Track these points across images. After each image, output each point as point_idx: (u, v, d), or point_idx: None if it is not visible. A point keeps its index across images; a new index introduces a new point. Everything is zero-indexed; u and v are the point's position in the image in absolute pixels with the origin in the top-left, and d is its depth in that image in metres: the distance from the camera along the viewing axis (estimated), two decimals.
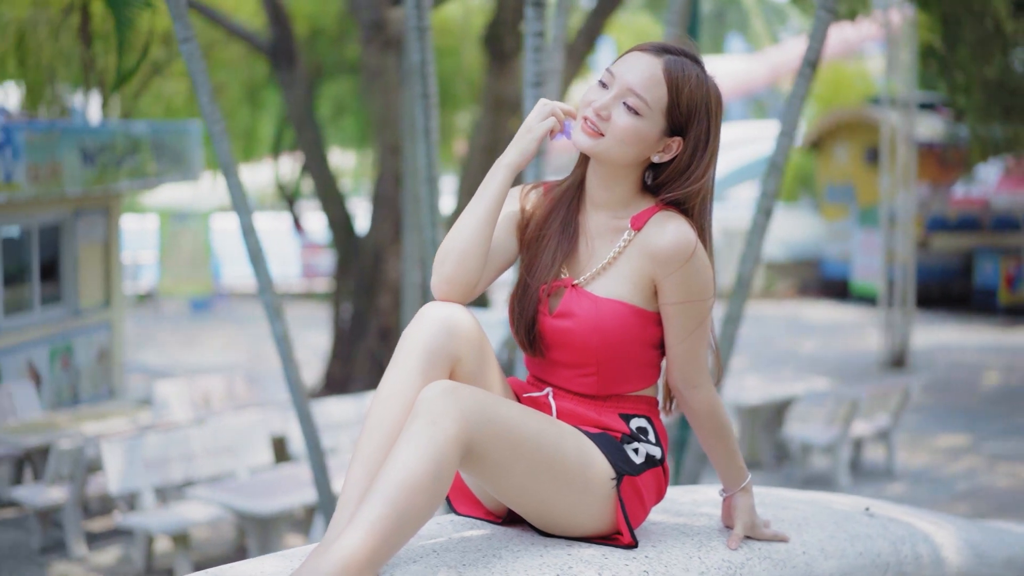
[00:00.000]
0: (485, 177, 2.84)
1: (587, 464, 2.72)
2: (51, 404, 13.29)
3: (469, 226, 2.80)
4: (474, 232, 2.80)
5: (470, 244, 2.79)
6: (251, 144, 24.15)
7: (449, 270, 2.79)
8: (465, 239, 2.80)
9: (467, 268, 2.78)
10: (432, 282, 2.81)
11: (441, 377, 2.67)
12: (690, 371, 2.85)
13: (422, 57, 5.95)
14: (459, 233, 2.81)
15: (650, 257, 2.79)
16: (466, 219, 2.82)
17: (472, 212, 2.82)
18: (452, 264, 2.79)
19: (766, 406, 12.05)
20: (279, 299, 6.25)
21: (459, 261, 2.79)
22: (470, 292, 2.80)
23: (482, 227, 2.80)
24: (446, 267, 2.79)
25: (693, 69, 2.82)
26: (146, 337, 20.77)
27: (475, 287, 2.81)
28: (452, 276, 2.79)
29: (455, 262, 2.79)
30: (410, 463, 2.46)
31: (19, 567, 9.30)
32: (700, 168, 2.84)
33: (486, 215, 2.81)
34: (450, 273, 2.79)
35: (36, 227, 13.60)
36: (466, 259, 2.79)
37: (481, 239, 2.80)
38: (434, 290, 2.80)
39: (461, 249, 2.79)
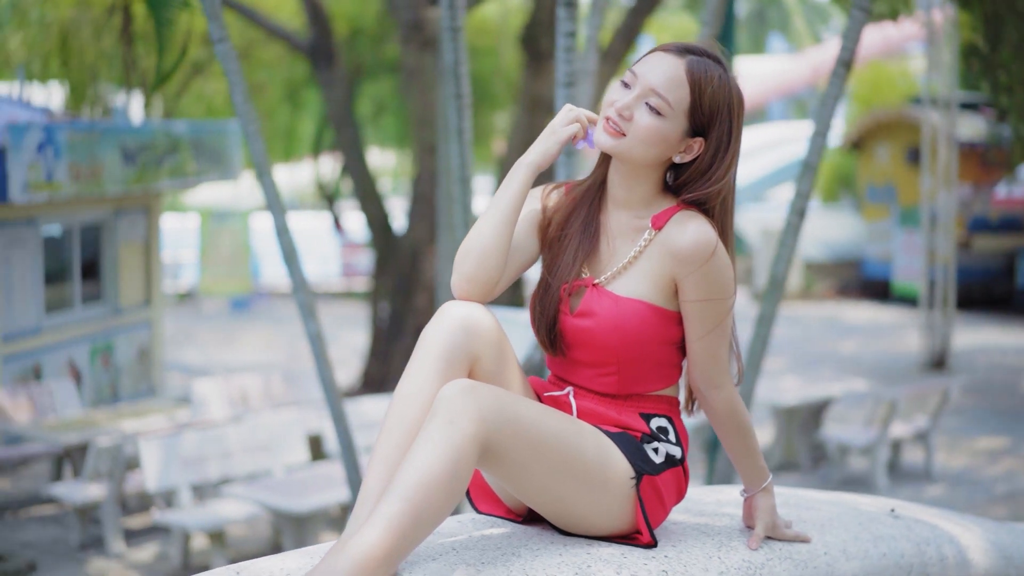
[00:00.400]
0: (506, 176, 2.86)
1: (606, 463, 2.73)
2: (91, 402, 13.40)
3: (489, 225, 2.82)
4: (494, 231, 2.81)
5: (490, 243, 2.80)
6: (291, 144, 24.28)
7: (469, 269, 2.80)
8: (485, 238, 2.81)
9: (487, 267, 2.80)
10: (452, 281, 2.82)
11: (460, 376, 2.68)
12: (710, 371, 2.86)
13: (455, 57, 5.96)
14: (479, 232, 2.82)
15: (671, 256, 2.79)
16: (486, 218, 2.83)
17: (492, 211, 2.83)
18: (472, 263, 2.80)
19: (803, 407, 12.00)
20: (313, 298, 6.28)
21: (479, 260, 2.80)
22: (490, 291, 2.81)
23: (502, 226, 2.82)
24: (466, 266, 2.81)
25: (716, 70, 2.82)
26: (186, 336, 20.89)
27: (495, 286, 2.82)
28: (472, 275, 2.80)
29: (475, 261, 2.80)
30: (428, 462, 2.47)
31: (58, 563, 9.38)
32: (721, 169, 2.84)
33: (506, 214, 2.83)
34: (470, 272, 2.80)
35: (77, 226, 13.71)
36: (486, 258, 2.80)
37: (501, 238, 2.81)
38: (454, 289, 2.82)
39: (481, 248, 2.80)
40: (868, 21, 7.87)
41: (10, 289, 12.40)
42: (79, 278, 13.76)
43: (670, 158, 2.86)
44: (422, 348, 2.70)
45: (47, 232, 13.26)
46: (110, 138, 12.84)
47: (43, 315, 12.97)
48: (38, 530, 10.21)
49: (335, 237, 25.72)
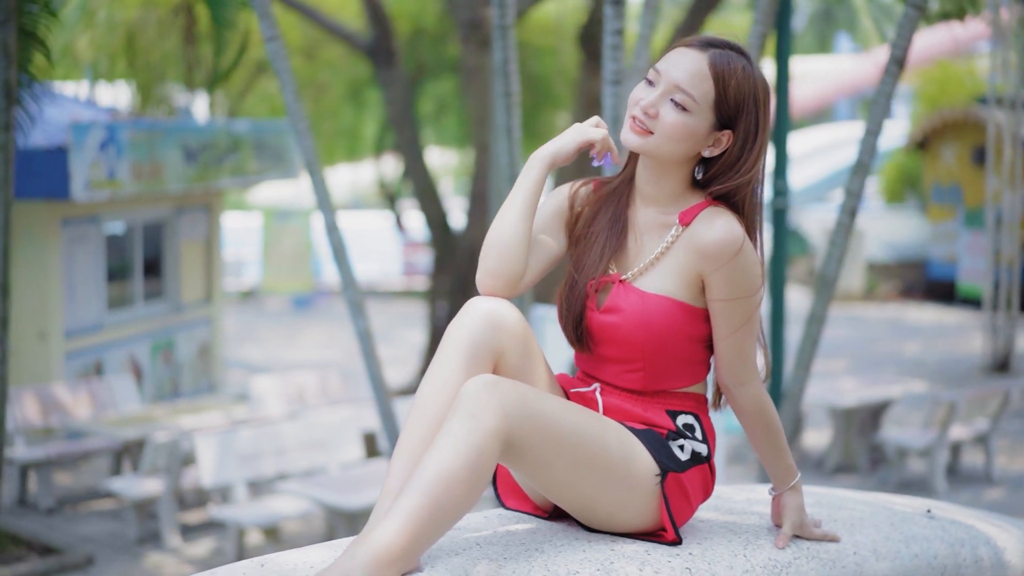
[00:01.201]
0: (522, 171, 2.87)
1: (630, 460, 2.72)
2: (152, 398, 13.54)
3: (507, 220, 2.83)
4: (513, 225, 2.82)
5: (510, 237, 2.81)
6: (355, 143, 24.41)
7: (491, 264, 2.81)
8: (504, 233, 2.82)
9: (509, 261, 2.80)
10: (477, 277, 2.84)
11: (484, 371, 2.69)
12: (738, 368, 2.84)
13: (504, 55, 5.97)
14: (498, 227, 2.83)
15: (697, 252, 2.79)
16: (504, 214, 2.84)
17: (509, 206, 2.85)
18: (494, 258, 2.81)
19: (862, 408, 11.90)
20: (362, 296, 6.32)
21: (500, 254, 2.81)
22: (515, 286, 2.82)
23: (520, 220, 2.83)
24: (488, 261, 2.82)
25: (739, 61, 2.81)
26: (248, 333, 21.05)
27: (519, 281, 2.82)
28: (495, 270, 2.81)
29: (496, 256, 2.81)
30: (448, 456, 2.48)
31: (115, 557, 9.49)
32: (750, 160, 2.83)
33: (523, 208, 2.83)
34: (492, 267, 2.81)
35: (140, 224, 13.86)
36: (507, 252, 2.81)
37: (520, 232, 2.82)
38: (479, 285, 2.83)
39: (501, 242, 2.81)
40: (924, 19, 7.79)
41: (73, 286, 12.56)
42: (141, 276, 13.92)
43: (699, 153, 2.85)
44: (447, 343, 2.71)
45: (110, 230, 13.41)
46: (172, 137, 12.98)
47: (105, 312, 13.12)
48: (97, 524, 10.34)
49: (397, 236, 25.83)
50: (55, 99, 13.56)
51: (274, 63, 6.00)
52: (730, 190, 2.85)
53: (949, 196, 23.04)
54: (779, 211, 8.13)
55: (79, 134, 11.58)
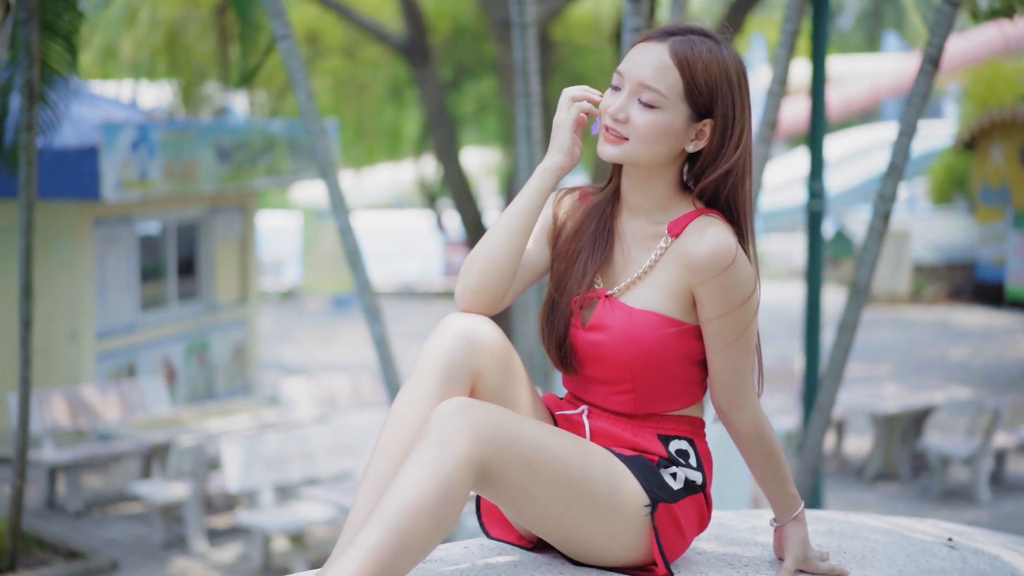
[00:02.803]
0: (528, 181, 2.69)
1: (617, 489, 2.53)
2: (186, 399, 13.46)
3: (498, 233, 2.64)
4: (503, 240, 2.63)
5: (497, 252, 2.63)
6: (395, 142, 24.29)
7: (474, 279, 2.63)
8: (493, 247, 2.63)
9: (493, 278, 2.62)
10: (456, 291, 2.65)
11: (460, 393, 2.51)
12: (732, 389, 2.64)
13: (524, 55, 5.80)
14: (488, 240, 2.64)
15: (687, 265, 2.59)
16: (497, 226, 2.66)
17: (503, 219, 2.66)
18: (477, 273, 2.63)
19: (904, 415, 11.64)
20: (377, 300, 6.16)
21: (484, 270, 2.62)
22: (496, 303, 2.64)
23: (512, 235, 2.64)
24: (470, 276, 2.63)
25: (703, 44, 2.60)
26: (285, 334, 20.97)
27: (502, 298, 2.64)
28: (476, 286, 2.62)
29: (480, 271, 2.63)
30: (414, 487, 2.30)
31: (141, 562, 9.39)
32: (731, 145, 2.62)
33: (518, 222, 2.64)
34: (474, 282, 2.62)
35: (174, 224, 13.78)
36: (492, 268, 2.62)
37: (510, 248, 2.63)
38: (457, 300, 2.64)
39: (488, 257, 2.63)
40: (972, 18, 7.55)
41: (105, 286, 12.49)
42: (175, 276, 13.84)
43: (682, 151, 2.65)
44: (420, 363, 2.53)
45: (145, 230, 13.34)
46: (204, 137, 12.88)
47: (138, 312, 13.05)
48: (124, 528, 10.25)
49: (437, 236, 25.70)
50: (90, 99, 13.52)
51: (286, 62, 5.85)
52: (718, 187, 2.64)
53: (998, 197, 22.67)
54: (815, 213, 7.91)
55: (110, 134, 11.49)
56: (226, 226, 14.61)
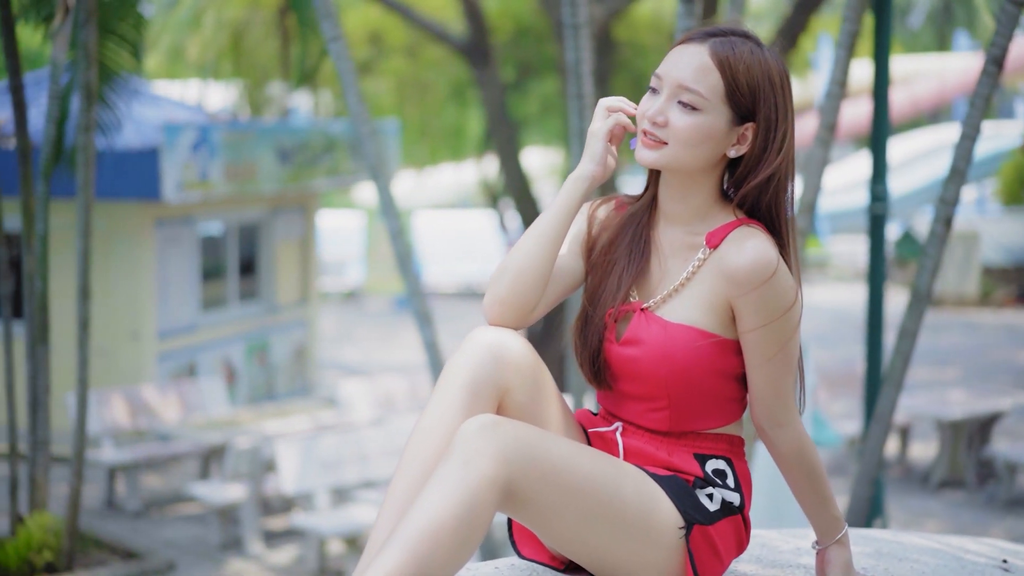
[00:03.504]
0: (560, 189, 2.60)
1: (650, 511, 2.44)
2: (247, 400, 13.48)
3: (527, 244, 2.55)
4: (534, 250, 2.54)
5: (528, 263, 2.53)
6: (458, 142, 24.25)
7: (503, 291, 2.53)
8: (523, 258, 2.54)
9: (522, 290, 2.53)
10: (484, 302, 2.56)
11: (487, 409, 2.43)
12: (773, 406, 2.53)
13: (577, 56, 5.71)
14: (518, 251, 2.55)
15: (726, 278, 2.48)
16: (528, 235, 2.56)
17: (534, 228, 2.56)
18: (506, 284, 2.53)
19: (970, 421, 11.44)
20: (428, 305, 6.10)
21: (513, 281, 2.53)
22: (525, 316, 2.54)
23: (543, 245, 2.54)
24: (500, 287, 2.54)
25: (744, 45, 2.50)
26: (347, 334, 20.99)
27: (531, 311, 2.54)
28: (505, 297, 2.53)
29: (509, 282, 2.53)
30: (436, 508, 2.23)
31: (197, 563, 9.40)
32: (773, 149, 2.51)
33: (549, 232, 2.55)
34: (503, 294, 2.53)
35: (235, 225, 13.81)
36: (522, 279, 2.53)
37: (540, 259, 2.53)
38: (485, 312, 2.55)
39: (517, 268, 2.53)
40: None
41: (166, 287, 12.54)
42: (236, 276, 13.88)
43: (723, 155, 2.54)
44: (446, 378, 2.45)
45: (206, 231, 13.38)
46: (265, 138, 12.90)
47: (199, 313, 13.09)
48: (182, 528, 10.27)
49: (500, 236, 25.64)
50: (153, 100, 13.58)
51: (336, 64, 5.80)
52: (760, 194, 2.53)
53: None
54: (878, 216, 7.74)
55: (171, 135, 11.54)
56: (287, 227, 14.63)
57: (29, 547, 8.21)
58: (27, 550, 8.19)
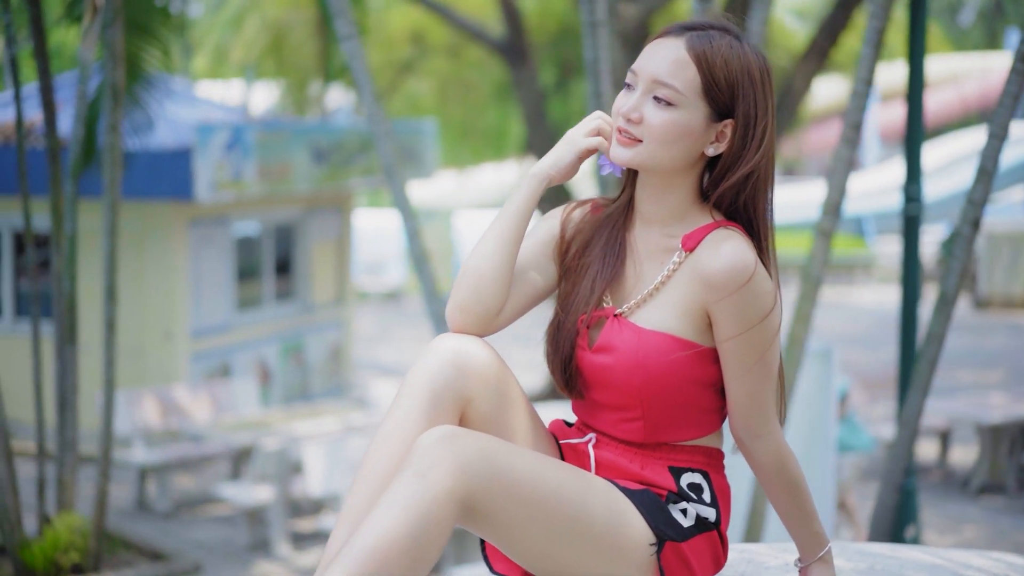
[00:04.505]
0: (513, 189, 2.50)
1: (620, 526, 2.33)
2: (282, 400, 13.45)
3: (486, 246, 2.46)
4: (491, 253, 2.44)
5: (486, 267, 2.44)
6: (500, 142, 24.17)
7: (463, 296, 2.44)
8: (480, 261, 2.45)
9: (483, 294, 2.43)
10: (447, 309, 2.47)
11: (448, 420, 2.34)
12: (752, 417, 2.42)
13: (595, 55, 5.61)
14: (475, 254, 2.46)
15: (701, 282, 2.37)
16: (485, 238, 2.47)
17: (492, 230, 2.47)
18: (465, 289, 2.44)
19: (1010, 425, 11.23)
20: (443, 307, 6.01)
21: (473, 286, 2.43)
22: (489, 322, 2.45)
23: (501, 247, 2.45)
24: (459, 292, 2.45)
25: (723, 39, 2.39)
26: (385, 334, 20.95)
27: (495, 317, 2.45)
28: (465, 303, 2.44)
29: (468, 287, 2.44)
30: (388, 522, 2.14)
31: (224, 564, 9.36)
32: (752, 146, 2.40)
33: (507, 233, 2.46)
34: (463, 299, 2.44)
35: (271, 225, 13.80)
36: (481, 284, 2.43)
37: (499, 261, 2.44)
38: (448, 319, 2.46)
39: (476, 272, 2.44)
40: None
41: (200, 287, 12.53)
42: (272, 276, 13.85)
43: (701, 154, 2.43)
44: (406, 387, 2.36)
45: (241, 230, 13.37)
46: (299, 137, 12.87)
47: (234, 312, 13.07)
48: (210, 529, 10.24)
49: None
50: (190, 100, 13.58)
51: (350, 63, 5.73)
52: (737, 193, 2.42)
53: None
54: (912, 218, 7.58)
55: (204, 135, 11.52)
56: (323, 226, 14.60)
57: (56, 547, 8.18)
58: (54, 550, 8.17)
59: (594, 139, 2.48)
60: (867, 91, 6.02)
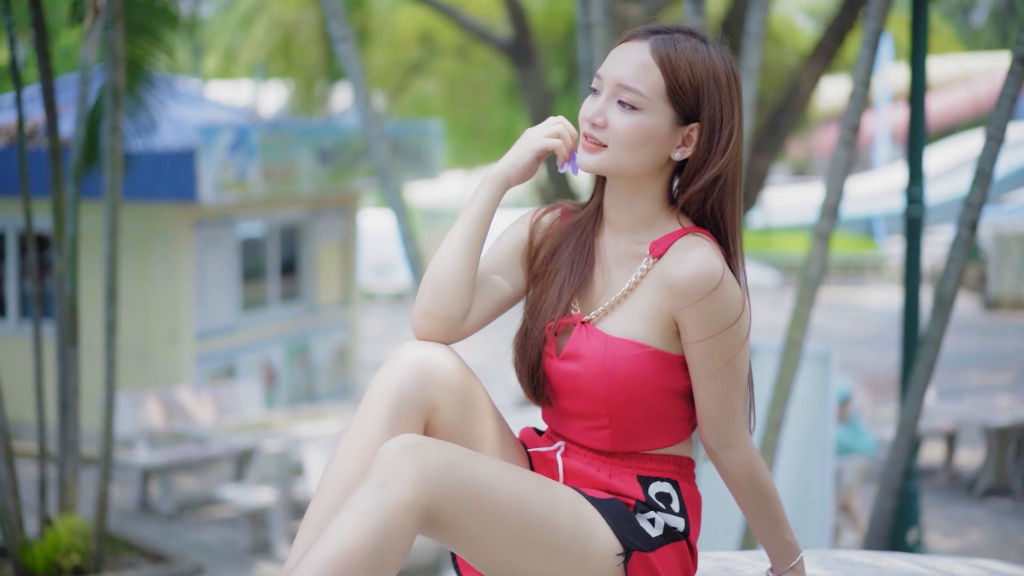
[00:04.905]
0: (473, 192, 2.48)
1: (586, 537, 2.30)
2: (288, 401, 13.44)
3: (448, 251, 2.43)
4: (452, 258, 2.42)
5: (447, 273, 2.42)
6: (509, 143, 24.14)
7: (425, 302, 2.42)
8: (441, 267, 2.43)
9: (445, 300, 2.41)
10: (411, 316, 2.45)
11: (412, 429, 2.31)
12: (720, 425, 2.39)
13: (589, 56, 5.58)
14: (438, 259, 2.43)
15: (668, 290, 2.34)
16: (447, 243, 2.44)
17: (453, 234, 2.45)
18: (427, 296, 2.42)
19: (1017, 427, 11.18)
20: None
21: (434, 292, 2.41)
22: (454, 329, 2.42)
23: (463, 251, 2.42)
24: (422, 299, 2.43)
25: (688, 42, 2.37)
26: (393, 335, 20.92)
27: (460, 323, 2.42)
28: (428, 309, 2.41)
29: (432, 293, 2.42)
30: (347, 533, 2.11)
31: (226, 566, 9.35)
32: (718, 150, 2.38)
33: (467, 238, 2.43)
34: (426, 306, 2.42)
35: (276, 225, 13.79)
36: (443, 290, 2.41)
37: (461, 266, 2.42)
38: (412, 326, 2.44)
39: (436, 278, 2.42)
40: None
41: (205, 288, 12.52)
42: (277, 277, 13.85)
43: (668, 158, 2.40)
44: (369, 396, 2.33)
45: (246, 232, 13.36)
46: (305, 138, 12.86)
47: (239, 314, 13.07)
48: (213, 531, 10.23)
49: None
50: (195, 100, 13.58)
51: (344, 65, 5.71)
52: (704, 198, 2.40)
53: None
54: (914, 220, 7.54)
55: (208, 136, 11.51)
56: (328, 227, 14.59)
57: (57, 549, 8.17)
58: (55, 552, 8.16)
59: (552, 140, 2.46)
60: (865, 93, 5.99)
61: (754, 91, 6.61)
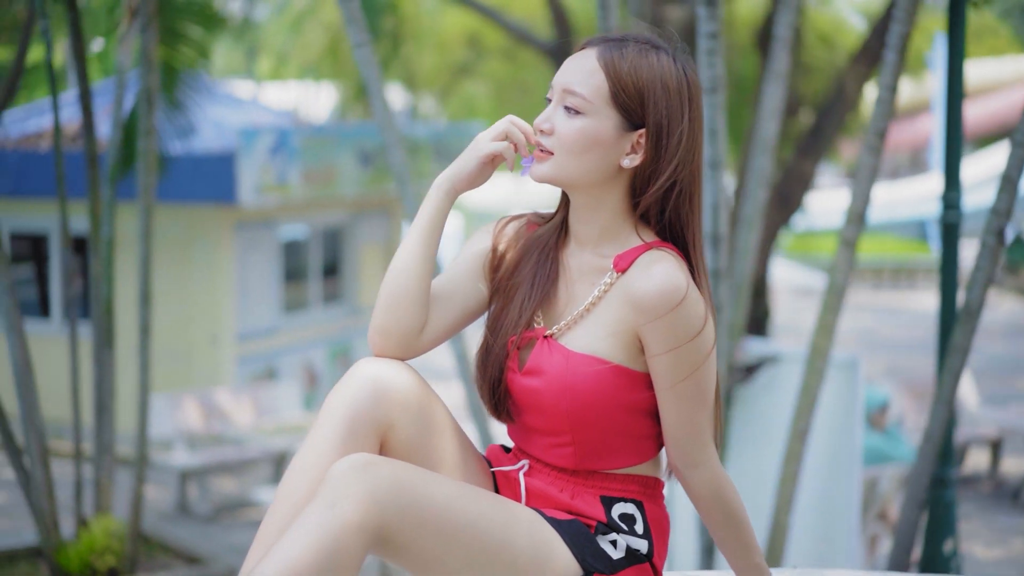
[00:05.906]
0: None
1: (544, 559, 2.25)
2: None
3: (398, 264, 2.39)
4: (402, 271, 2.38)
5: (400, 286, 2.37)
6: None
7: (380, 318, 2.37)
8: (394, 280, 2.38)
9: (400, 315, 2.36)
10: (368, 333, 2.41)
11: (366, 448, 2.27)
12: (686, 443, 2.34)
13: None
14: (388, 273, 2.39)
15: (632, 305, 2.29)
16: (397, 256, 2.40)
17: (403, 247, 2.40)
18: (383, 310, 2.37)
19: None
20: None
21: (388, 307, 2.37)
22: (410, 344, 2.38)
23: (414, 264, 2.38)
24: (377, 314, 2.38)
25: (636, 47, 2.33)
26: None
27: (417, 337, 2.38)
28: (383, 325, 2.37)
29: (385, 308, 2.37)
30: (294, 553, 2.08)
31: None
32: (665, 157, 2.33)
33: (418, 249, 2.39)
34: (381, 321, 2.37)
35: (319, 228, 13.83)
36: (396, 304, 2.37)
37: (414, 279, 2.37)
38: (369, 342, 2.40)
39: (390, 292, 2.37)
40: None
41: (246, 290, 12.57)
42: (319, 279, 13.88)
43: (618, 166, 2.35)
44: (323, 414, 2.29)
45: (288, 234, 13.41)
46: (346, 141, 12.88)
47: (280, 315, 13.11)
48: (250, 534, 10.25)
49: None
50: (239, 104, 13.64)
51: (362, 70, 5.68)
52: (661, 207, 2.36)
53: None
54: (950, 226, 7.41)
55: (247, 139, 11.56)
56: (370, 230, 14.61)
57: (92, 550, 8.21)
58: (89, 553, 8.20)
59: (499, 144, 2.41)
60: (891, 98, 5.88)
61: (782, 96, 6.53)
